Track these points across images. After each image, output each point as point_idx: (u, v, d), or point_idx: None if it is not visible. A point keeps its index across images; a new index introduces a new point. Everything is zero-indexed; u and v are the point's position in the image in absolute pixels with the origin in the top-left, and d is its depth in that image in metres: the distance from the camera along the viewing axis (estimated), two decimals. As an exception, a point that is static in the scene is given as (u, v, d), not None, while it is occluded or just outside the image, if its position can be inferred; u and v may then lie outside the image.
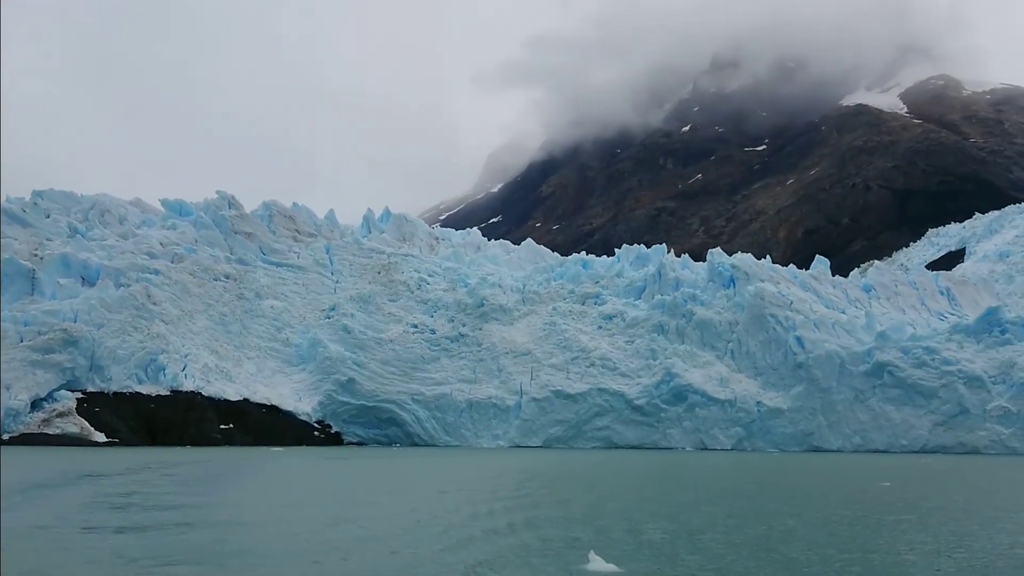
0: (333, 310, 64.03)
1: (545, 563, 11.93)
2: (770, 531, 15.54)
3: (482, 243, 76.69)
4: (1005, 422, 55.15)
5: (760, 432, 58.54)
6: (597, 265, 70.95)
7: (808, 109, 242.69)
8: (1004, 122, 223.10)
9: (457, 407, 60.61)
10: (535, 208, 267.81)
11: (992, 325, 58.64)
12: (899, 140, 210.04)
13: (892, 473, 34.20)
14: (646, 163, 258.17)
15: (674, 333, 62.45)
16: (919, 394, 56.61)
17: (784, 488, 26.09)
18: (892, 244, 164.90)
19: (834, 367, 58.01)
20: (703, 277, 66.03)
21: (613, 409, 59.98)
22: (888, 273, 71.96)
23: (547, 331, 63.64)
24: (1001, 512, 19.77)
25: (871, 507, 20.19)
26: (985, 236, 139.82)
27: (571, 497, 22.30)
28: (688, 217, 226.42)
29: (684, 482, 28.62)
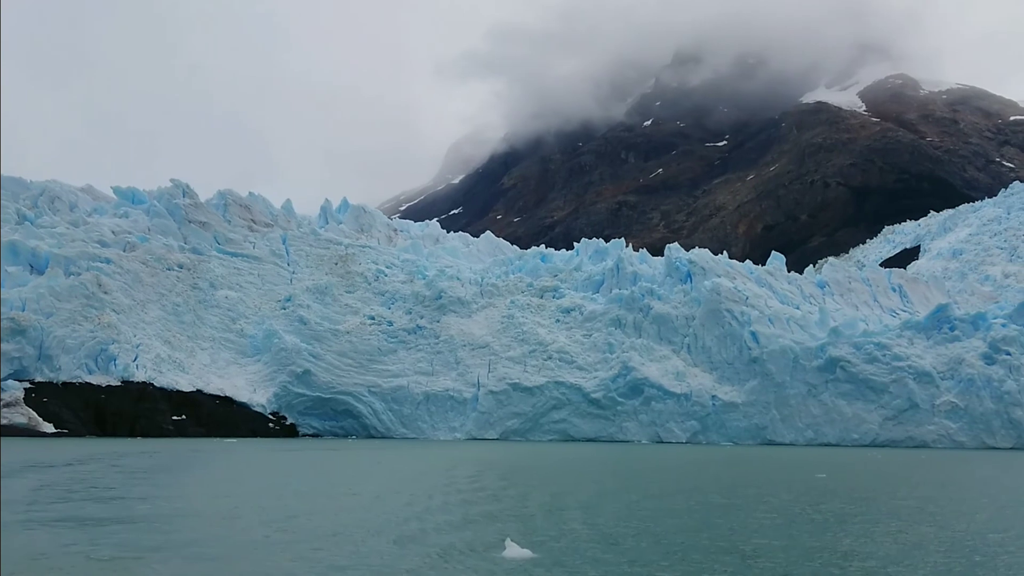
0: (289, 301, 63.75)
1: (465, 551, 12.37)
2: (685, 521, 16.08)
3: (441, 235, 76.79)
4: (953, 417, 56.58)
5: (715, 426, 59.45)
6: (556, 259, 71.48)
7: (769, 106, 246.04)
8: (960, 122, 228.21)
9: (414, 399, 60.74)
10: (496, 200, 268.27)
11: (942, 322, 60.08)
12: (857, 138, 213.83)
13: (832, 466, 35.13)
14: (608, 157, 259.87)
15: (631, 327, 63.14)
16: (870, 389, 57.85)
17: (720, 480, 26.74)
18: (849, 240, 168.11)
19: (788, 362, 59.07)
20: (661, 272, 66.84)
21: (570, 402, 60.52)
22: (842, 270, 73.37)
23: (505, 324, 63.99)
24: (915, 501, 20.57)
25: (801, 497, 21.01)
26: (939, 234, 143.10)
27: (513, 489, 22.77)
28: (649, 211, 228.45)
29: (629, 475, 29.10)
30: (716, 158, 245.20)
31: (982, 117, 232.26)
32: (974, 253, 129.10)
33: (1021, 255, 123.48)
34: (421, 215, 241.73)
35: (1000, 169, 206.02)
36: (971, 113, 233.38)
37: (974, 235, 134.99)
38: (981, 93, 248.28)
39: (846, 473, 31.12)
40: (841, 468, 34.00)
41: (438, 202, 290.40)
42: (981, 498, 22.23)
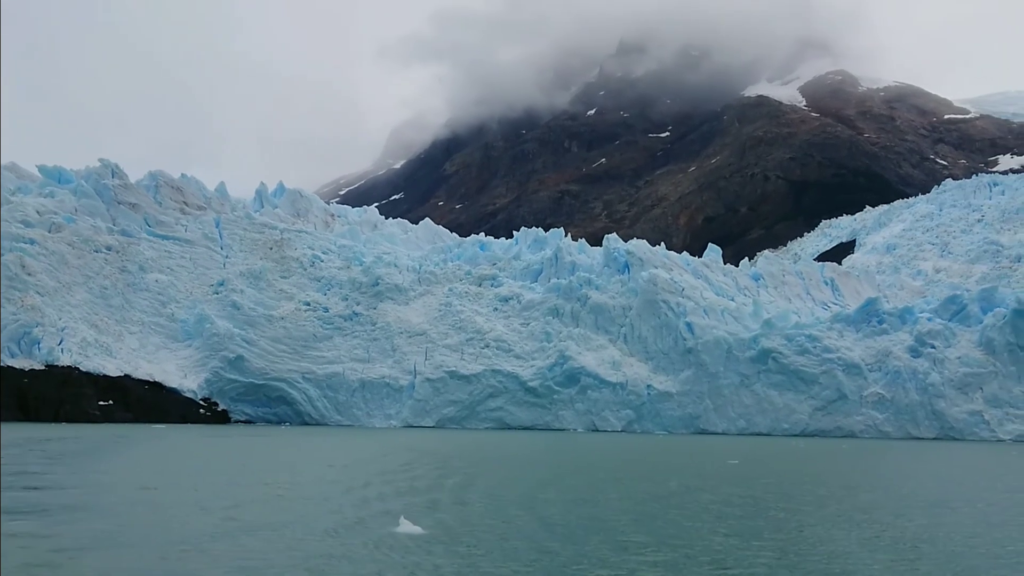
0: (222, 285, 63.14)
1: (363, 527, 13.43)
2: (581, 505, 17.00)
3: (379, 221, 76.68)
4: (880, 408, 58.69)
5: (650, 415, 60.73)
6: (495, 247, 72.04)
7: (711, 98, 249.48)
8: (896, 119, 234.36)
9: (349, 386, 60.81)
10: (438, 186, 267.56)
11: (871, 315, 62.20)
12: (797, 132, 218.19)
13: (749, 454, 36.57)
14: (551, 145, 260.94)
15: (569, 316, 64.05)
16: (801, 380, 59.66)
17: (628, 467, 27.96)
18: (788, 234, 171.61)
19: (722, 353, 60.58)
20: (599, 262, 67.86)
21: (507, 390, 61.21)
22: (776, 263, 75.37)
23: (443, 312, 64.36)
24: (810, 485, 21.72)
25: (694, 482, 22.30)
26: (874, 229, 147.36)
27: (431, 473, 23.43)
28: (591, 201, 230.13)
29: (547, 462, 30.10)
30: (659, 149, 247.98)
31: (918, 115, 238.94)
32: (907, 248, 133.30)
33: (952, 251, 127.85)
34: (361, 200, 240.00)
35: (934, 166, 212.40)
36: (907, 111, 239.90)
37: (907, 231, 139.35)
38: (917, 91, 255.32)
39: (757, 461, 32.50)
40: (757, 456, 35.44)
41: (379, 187, 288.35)
42: (867, 482, 23.68)
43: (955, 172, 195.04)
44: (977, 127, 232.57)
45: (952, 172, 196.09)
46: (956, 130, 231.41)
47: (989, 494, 21.20)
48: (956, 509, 17.65)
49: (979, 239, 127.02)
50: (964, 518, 16.21)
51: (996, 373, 57.77)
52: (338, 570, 10.31)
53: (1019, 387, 57.55)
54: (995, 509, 18.03)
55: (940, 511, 17.24)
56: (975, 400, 57.62)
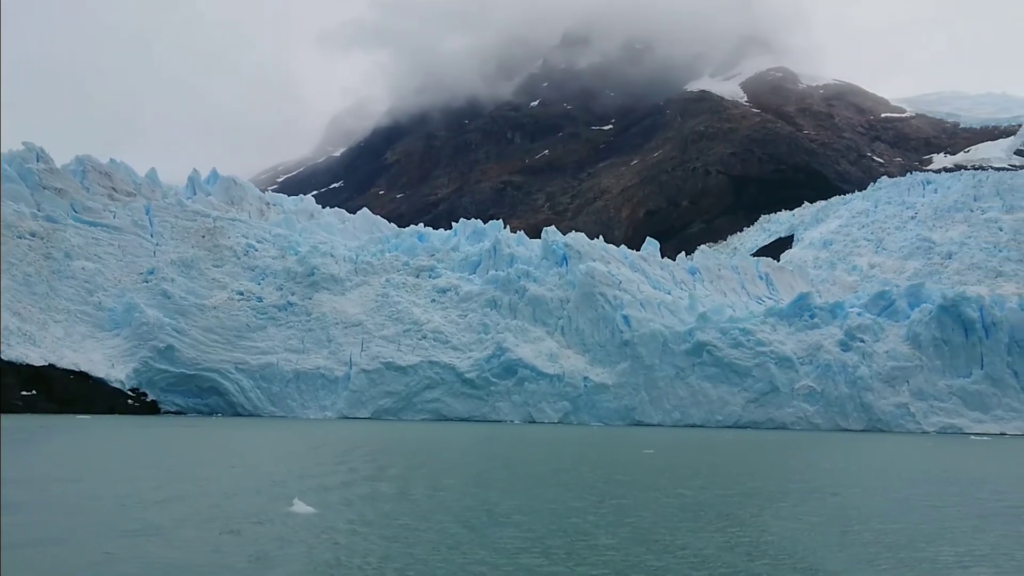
0: (152, 274, 62.31)
1: (260, 508, 14.31)
2: (473, 489, 18.12)
3: (316, 210, 76.32)
4: (810, 400, 60.46)
5: (586, 406, 61.65)
6: (433, 238, 72.28)
7: (654, 92, 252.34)
8: (835, 116, 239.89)
9: (283, 377, 60.59)
10: (379, 175, 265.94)
11: (803, 310, 63.99)
12: (738, 128, 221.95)
13: (670, 444, 37.86)
14: (494, 136, 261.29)
15: (507, 308, 64.65)
16: (734, 372, 61.16)
17: (549, 456, 29.03)
18: (728, 228, 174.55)
19: (657, 345, 61.78)
20: (537, 254, 68.59)
21: (444, 382, 61.60)
22: (712, 257, 76.96)
23: (379, 303, 64.45)
24: (709, 473, 22.73)
25: (602, 470, 23.44)
26: (812, 224, 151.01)
27: (345, 462, 24.28)
28: (534, 192, 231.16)
29: (467, 450, 31.17)
30: (602, 142, 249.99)
31: (856, 113, 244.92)
32: (843, 244, 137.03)
33: (886, 247, 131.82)
34: (300, 188, 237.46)
35: (871, 164, 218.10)
36: (846, 108, 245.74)
37: (844, 226, 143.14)
38: (856, 90, 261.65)
39: (670, 451, 33.76)
40: (673, 446, 36.71)
41: (318, 175, 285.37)
42: (752, 472, 24.88)
43: (891, 170, 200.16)
44: (913, 126, 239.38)
45: (888, 170, 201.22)
46: (892, 129, 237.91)
47: (873, 483, 22.41)
48: (819, 496, 18.65)
49: (912, 236, 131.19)
50: (822, 506, 17.16)
51: (922, 367, 59.91)
52: (227, 545, 11.14)
53: (943, 381, 59.79)
54: (865, 497, 19.03)
55: (816, 497, 18.32)
56: (901, 393, 59.68)
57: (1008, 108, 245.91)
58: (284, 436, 38.15)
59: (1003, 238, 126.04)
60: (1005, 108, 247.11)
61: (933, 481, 22.92)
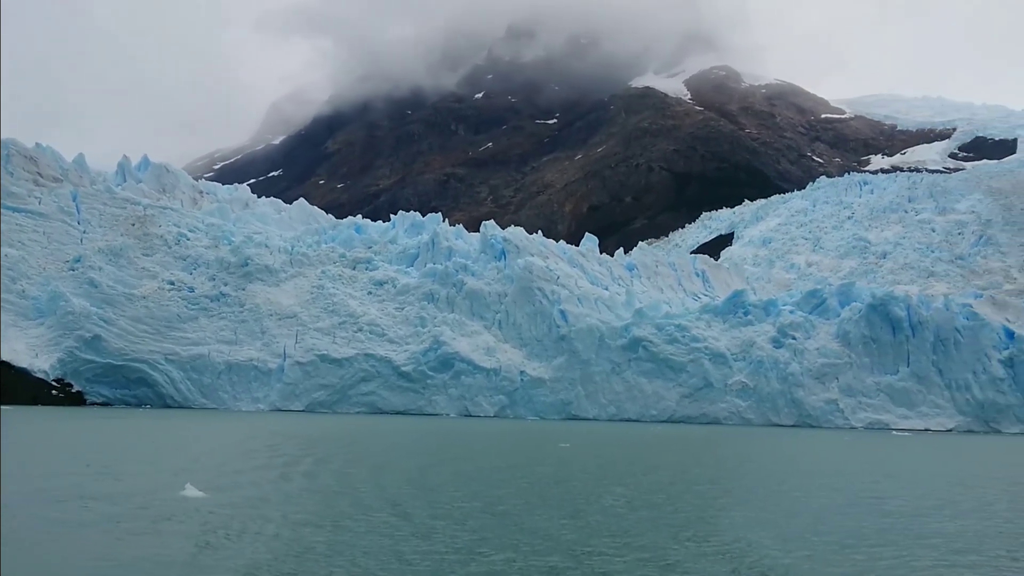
0: (78, 262, 61.25)
1: (154, 494, 15.07)
2: (372, 477, 19.19)
3: (251, 200, 75.67)
4: (743, 396, 61.90)
5: (522, 400, 62.31)
6: (371, 230, 72.24)
7: (598, 87, 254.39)
8: (776, 116, 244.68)
9: (215, 368, 60.11)
10: (319, 165, 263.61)
11: (737, 307, 65.47)
12: (681, 125, 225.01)
13: (592, 438, 38.82)
14: (437, 127, 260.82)
15: (444, 302, 65.00)
16: (669, 368, 62.33)
17: (459, 449, 29.82)
18: (670, 224, 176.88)
19: (594, 340, 62.66)
20: (476, 248, 69.03)
21: (379, 375, 61.72)
22: (650, 254, 78.25)
23: (315, 294, 64.28)
24: (623, 465, 23.65)
25: (507, 464, 24.33)
26: (752, 222, 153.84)
27: (253, 453, 24.84)
28: (477, 185, 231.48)
29: (389, 443, 31.97)
30: (546, 136, 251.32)
31: (796, 113, 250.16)
32: (782, 242, 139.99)
33: (823, 246, 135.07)
34: (237, 175, 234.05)
35: (810, 163, 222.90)
36: (787, 108, 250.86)
37: (783, 225, 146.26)
38: (797, 90, 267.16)
39: (587, 444, 34.77)
40: (595, 441, 37.71)
41: (256, 162, 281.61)
42: (660, 466, 25.74)
43: (830, 170, 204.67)
44: (852, 127, 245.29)
45: (827, 170, 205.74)
46: (832, 129, 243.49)
47: (769, 476, 23.49)
48: (710, 490, 19.65)
49: (849, 235, 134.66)
50: (712, 498, 18.16)
51: (851, 364, 61.75)
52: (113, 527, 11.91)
53: (872, 378, 61.73)
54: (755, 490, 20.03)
55: (706, 489, 19.35)
56: (831, 389, 61.45)
57: (943, 112, 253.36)
58: (209, 427, 38.13)
59: (935, 239, 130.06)
60: (941, 112, 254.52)
61: (805, 474, 24.27)
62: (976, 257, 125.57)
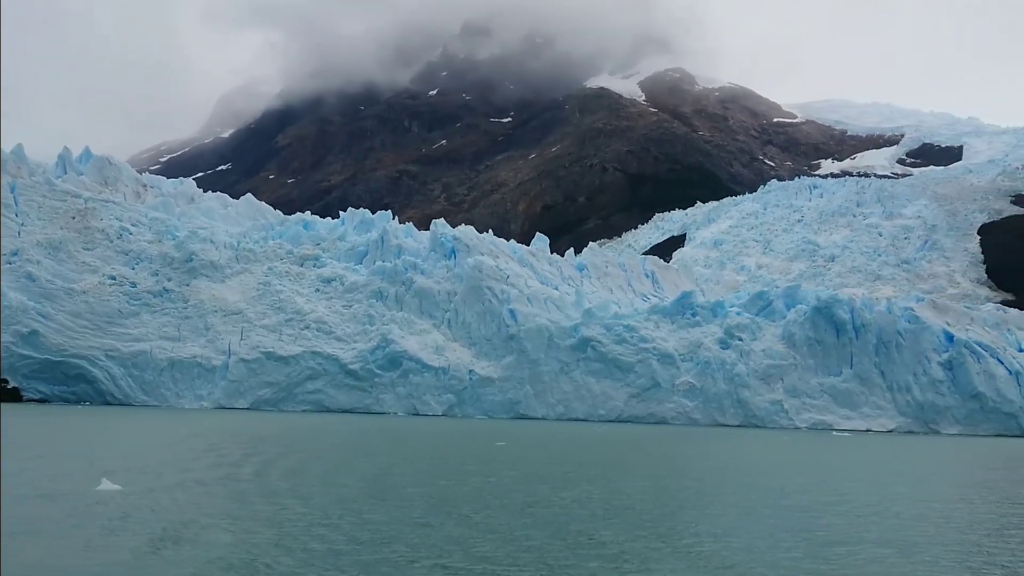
0: (16, 255, 60.06)
1: (69, 486, 15.47)
2: (288, 476, 19.44)
3: (196, 194, 74.79)
4: (690, 396, 62.81)
5: (471, 399, 62.54)
6: (319, 227, 71.92)
7: (553, 87, 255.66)
8: (729, 119, 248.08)
9: (157, 365, 59.41)
10: (269, 159, 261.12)
11: (685, 308, 66.42)
12: (635, 126, 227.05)
13: (529, 438, 39.26)
14: (390, 123, 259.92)
15: (393, 300, 64.99)
16: (617, 368, 62.99)
17: (397, 447, 30.21)
18: (623, 224, 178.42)
19: (543, 340, 63.11)
20: (425, 246, 69.13)
21: (326, 373, 61.51)
22: (600, 254, 79.07)
23: (261, 291, 63.85)
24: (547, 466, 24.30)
25: (433, 461, 24.85)
26: (704, 224, 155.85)
27: (178, 447, 25.17)
28: (430, 183, 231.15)
29: (322, 442, 32.01)
30: (500, 134, 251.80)
31: (749, 116, 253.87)
32: (733, 244, 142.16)
33: (774, 248, 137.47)
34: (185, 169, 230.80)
35: (762, 167, 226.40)
36: (740, 112, 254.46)
37: (734, 227, 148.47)
38: (749, 94, 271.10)
39: (524, 443, 35.31)
40: (534, 439, 38.30)
41: (204, 156, 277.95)
42: (587, 463, 26.64)
43: (781, 173, 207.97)
44: (803, 131, 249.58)
45: (778, 173, 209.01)
46: (784, 133, 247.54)
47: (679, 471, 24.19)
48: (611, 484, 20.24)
49: (798, 238, 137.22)
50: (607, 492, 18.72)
51: (796, 365, 62.99)
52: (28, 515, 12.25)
53: (816, 379, 63.04)
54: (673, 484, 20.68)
55: (603, 483, 20.00)
56: (776, 390, 62.63)
57: (892, 118, 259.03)
58: (147, 424, 37.81)
59: (882, 243, 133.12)
60: (890, 118, 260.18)
61: (715, 470, 25.22)
62: (921, 261, 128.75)
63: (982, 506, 18.81)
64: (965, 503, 19.15)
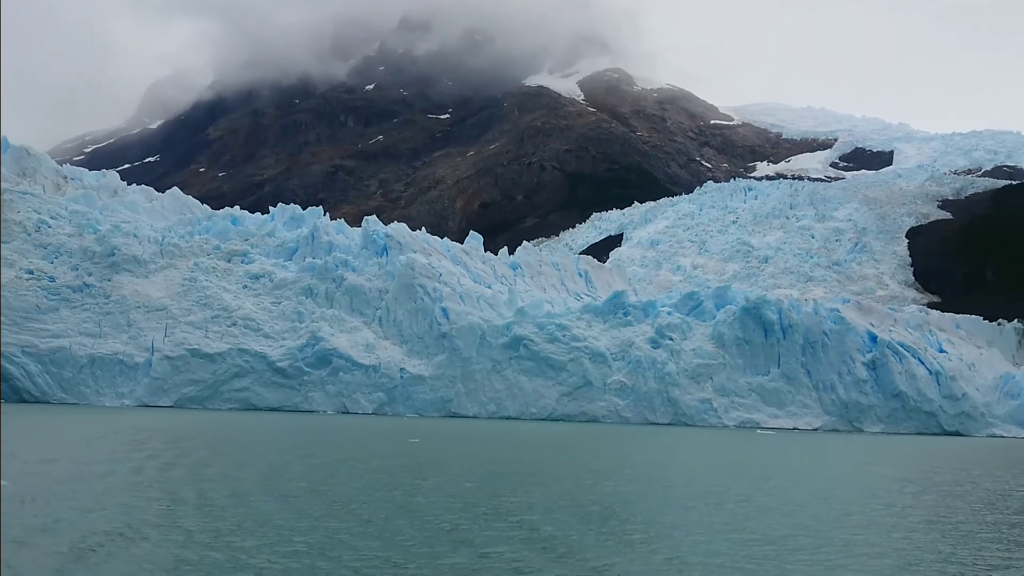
0: (-73, 247, 58.40)
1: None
2: (173, 471, 19.93)
3: (120, 187, 73.40)
4: (621, 394, 63.71)
5: (402, 397, 62.55)
6: (248, 222, 71.18)
7: (492, 84, 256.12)
8: (667, 120, 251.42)
9: (77, 362, 58.22)
10: (200, 152, 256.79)
11: (617, 307, 67.38)
12: (574, 125, 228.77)
13: (454, 435, 39.90)
14: (326, 117, 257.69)
15: (323, 297, 64.68)
16: (550, 367, 63.59)
17: (311, 445, 30.59)
18: (561, 223, 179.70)
19: (475, 338, 63.41)
20: (357, 243, 68.92)
21: (254, 370, 60.94)
22: (533, 253, 79.68)
23: (186, 287, 62.97)
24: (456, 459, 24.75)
25: (334, 458, 25.28)
26: (641, 224, 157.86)
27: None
28: (367, 178, 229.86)
29: (234, 441, 32.10)
30: (438, 131, 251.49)
31: (687, 118, 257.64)
32: (669, 244, 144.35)
33: (709, 249, 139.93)
34: (111, 160, 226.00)
35: (699, 168, 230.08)
36: (677, 113, 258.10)
37: (670, 227, 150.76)
38: (687, 95, 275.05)
39: (438, 439, 35.99)
40: (453, 437, 38.81)
41: (132, 147, 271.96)
42: (490, 459, 27.02)
43: (718, 175, 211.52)
44: (739, 134, 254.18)
45: (715, 175, 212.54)
46: (720, 135, 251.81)
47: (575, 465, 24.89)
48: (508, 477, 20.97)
49: (733, 239, 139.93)
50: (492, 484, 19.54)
51: (725, 365, 64.37)
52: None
53: (744, 378, 64.51)
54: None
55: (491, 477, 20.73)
56: (705, 389, 63.92)
57: (826, 122, 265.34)
58: (62, 421, 37.26)
59: (814, 245, 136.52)
60: (824, 122, 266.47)
61: (614, 467, 25.97)
62: (852, 264, 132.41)
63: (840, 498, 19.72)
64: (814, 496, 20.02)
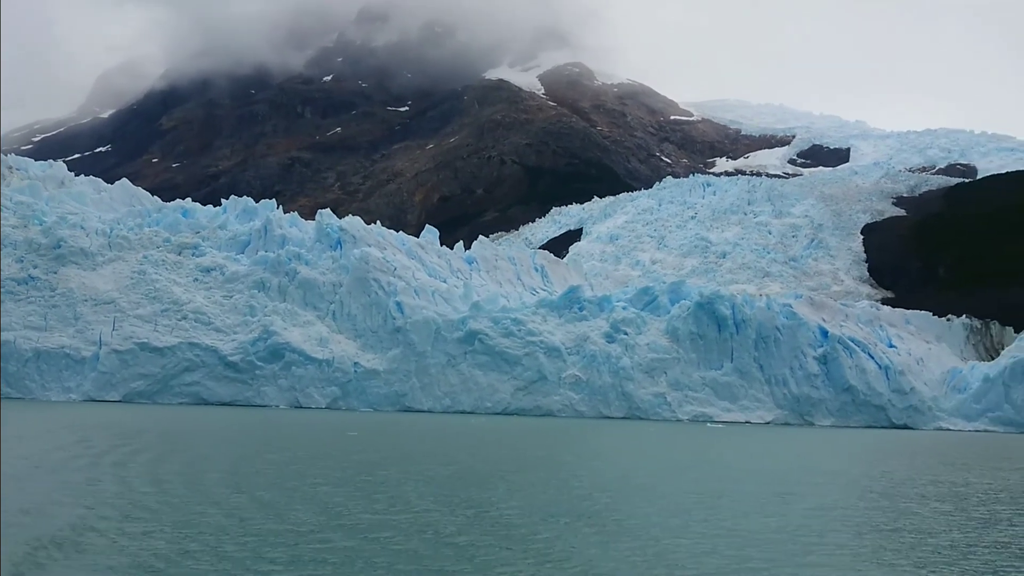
0: None
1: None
2: (114, 467, 20.15)
3: (67, 178, 72.44)
4: (576, 389, 64.30)
5: (356, 392, 62.57)
6: (199, 214, 70.63)
7: (452, 77, 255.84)
8: (627, 115, 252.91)
9: (21, 356, 57.46)
10: (153, 142, 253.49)
11: (572, 302, 67.95)
12: (534, 119, 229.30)
13: (397, 429, 40.27)
14: (283, 108, 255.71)
15: (276, 291, 64.44)
16: (505, 361, 64.01)
17: (250, 440, 30.88)
18: (521, 218, 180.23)
19: (430, 333, 63.61)
20: (311, 237, 68.73)
21: (204, 364, 60.58)
22: (489, 248, 79.97)
23: (135, 280, 62.39)
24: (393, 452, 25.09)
25: (271, 452, 25.60)
26: (600, 219, 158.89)
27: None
28: (324, 171, 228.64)
29: (172, 435, 32.20)
30: (397, 123, 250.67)
31: (647, 113, 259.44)
32: (628, 239, 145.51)
33: (668, 244, 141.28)
34: (60, 150, 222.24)
35: (659, 163, 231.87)
36: (638, 108, 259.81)
37: (629, 222, 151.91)
38: (648, 91, 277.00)
39: (376, 433, 36.39)
40: (396, 431, 39.15)
41: (82, 137, 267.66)
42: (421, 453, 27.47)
43: (677, 170, 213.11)
44: (699, 130, 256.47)
45: (675, 170, 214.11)
46: (680, 131, 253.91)
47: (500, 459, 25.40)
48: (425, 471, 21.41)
49: (692, 235, 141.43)
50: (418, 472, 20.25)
51: (679, 359, 65.27)
52: None
53: (698, 372, 65.46)
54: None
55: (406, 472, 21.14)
56: (660, 383, 64.75)
57: (784, 120, 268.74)
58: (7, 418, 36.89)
59: (772, 241, 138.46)
60: (782, 119, 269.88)
61: (553, 460, 26.63)
62: (808, 259, 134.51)
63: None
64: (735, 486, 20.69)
